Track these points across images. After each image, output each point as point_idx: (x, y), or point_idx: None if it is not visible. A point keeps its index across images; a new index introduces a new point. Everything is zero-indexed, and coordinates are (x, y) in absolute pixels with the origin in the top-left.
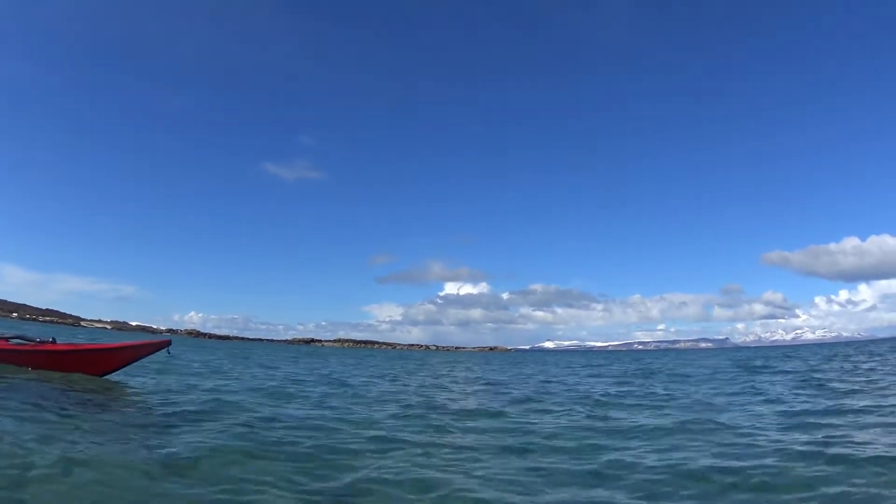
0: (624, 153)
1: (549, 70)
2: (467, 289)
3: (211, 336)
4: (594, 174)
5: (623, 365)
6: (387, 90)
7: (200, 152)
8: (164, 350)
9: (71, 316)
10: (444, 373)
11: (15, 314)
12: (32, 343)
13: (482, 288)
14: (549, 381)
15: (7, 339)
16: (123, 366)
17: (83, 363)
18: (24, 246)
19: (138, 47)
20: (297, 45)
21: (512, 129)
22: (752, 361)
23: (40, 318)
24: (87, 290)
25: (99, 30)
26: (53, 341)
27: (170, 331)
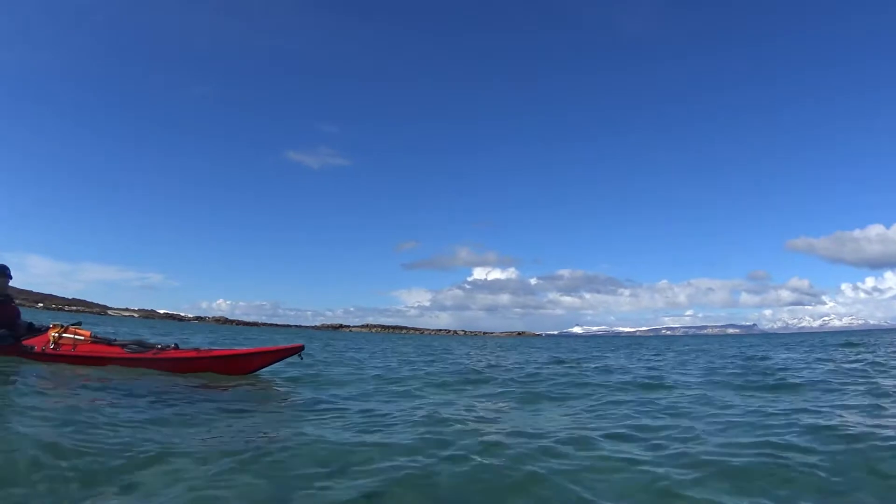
0: (650, 141)
1: (576, 64)
2: (495, 274)
3: (239, 323)
4: (620, 161)
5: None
6: (411, 80)
7: (224, 141)
8: (297, 355)
9: (98, 305)
10: None
11: (41, 304)
12: (154, 350)
13: (510, 273)
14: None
15: (124, 345)
16: (258, 370)
17: (223, 369)
18: (51, 236)
19: (161, 39)
20: (319, 35)
21: (537, 119)
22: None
23: (66, 308)
24: (113, 279)
25: (122, 22)
26: (176, 347)
27: (198, 318)
